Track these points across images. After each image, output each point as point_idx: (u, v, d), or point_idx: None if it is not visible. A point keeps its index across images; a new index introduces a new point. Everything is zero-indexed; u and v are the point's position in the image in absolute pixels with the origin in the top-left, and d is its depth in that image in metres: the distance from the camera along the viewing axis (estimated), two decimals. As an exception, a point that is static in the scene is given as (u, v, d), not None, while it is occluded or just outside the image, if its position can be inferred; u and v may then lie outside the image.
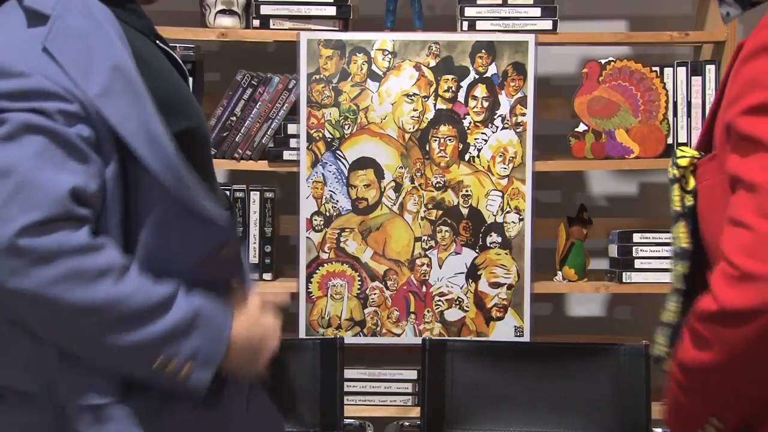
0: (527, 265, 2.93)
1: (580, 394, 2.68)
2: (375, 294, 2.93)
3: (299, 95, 2.89)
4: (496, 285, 2.93)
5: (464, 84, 2.90)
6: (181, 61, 1.68)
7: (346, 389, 2.80)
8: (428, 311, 2.93)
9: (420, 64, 2.90)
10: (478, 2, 2.94)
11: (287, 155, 2.92)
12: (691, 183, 1.53)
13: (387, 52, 2.89)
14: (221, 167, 2.99)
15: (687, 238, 1.51)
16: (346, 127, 2.90)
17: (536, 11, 2.93)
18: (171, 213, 1.48)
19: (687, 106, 2.97)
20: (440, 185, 2.91)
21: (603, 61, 2.97)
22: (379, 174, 2.91)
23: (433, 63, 2.90)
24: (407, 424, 2.85)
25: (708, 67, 2.96)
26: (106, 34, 1.49)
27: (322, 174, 2.90)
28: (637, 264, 2.97)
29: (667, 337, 1.56)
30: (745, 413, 1.39)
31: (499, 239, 2.92)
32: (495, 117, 2.91)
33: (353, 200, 2.91)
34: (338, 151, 2.90)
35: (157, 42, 1.65)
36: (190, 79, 1.87)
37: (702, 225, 1.48)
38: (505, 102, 2.91)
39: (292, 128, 2.92)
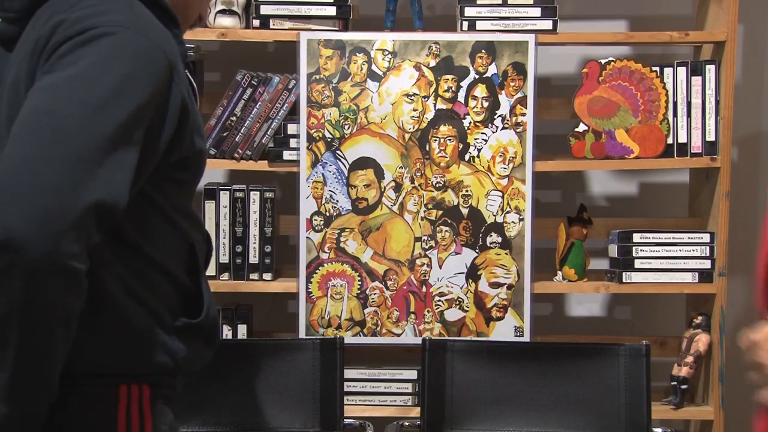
0: (527, 265, 2.93)
1: (580, 394, 2.68)
2: (375, 294, 2.93)
3: (299, 95, 2.89)
4: (496, 285, 2.93)
5: (464, 84, 2.90)
6: (197, 91, 1.71)
7: (346, 389, 2.80)
8: (428, 311, 2.93)
9: (420, 64, 2.89)
10: (478, 2, 2.94)
11: (287, 155, 2.92)
12: None
13: (387, 52, 2.89)
14: (221, 167, 2.99)
15: None
16: (346, 127, 2.90)
17: (536, 11, 2.93)
18: None
19: (687, 106, 2.96)
20: (440, 185, 2.91)
21: (603, 61, 2.97)
22: (379, 174, 2.91)
23: (433, 63, 2.90)
24: (407, 424, 2.85)
25: (708, 67, 2.96)
26: None
27: (322, 174, 2.90)
28: (637, 264, 2.97)
29: None
30: None
31: (499, 239, 2.92)
32: (495, 117, 2.91)
33: (353, 200, 2.91)
34: (338, 151, 2.90)
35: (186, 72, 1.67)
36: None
37: None
38: (505, 102, 2.91)
39: (292, 128, 2.92)
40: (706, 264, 2.97)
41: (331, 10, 2.92)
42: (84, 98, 1.40)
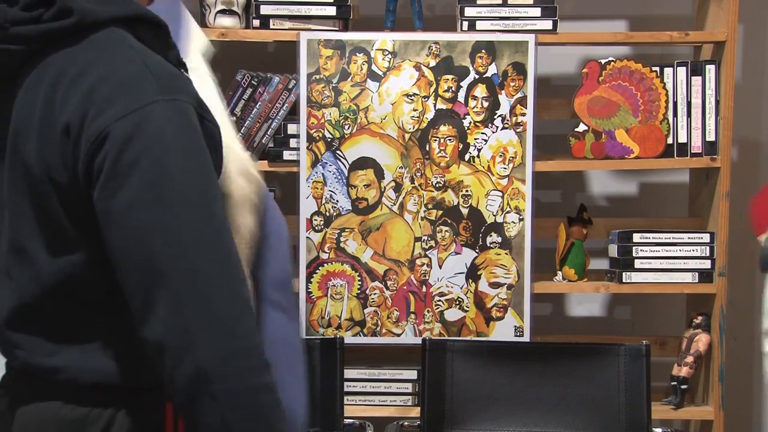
0: (527, 265, 2.93)
1: (580, 394, 2.68)
2: (375, 294, 2.93)
3: (299, 95, 2.89)
4: (496, 285, 2.93)
5: (464, 84, 2.90)
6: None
7: (346, 389, 2.80)
8: (428, 311, 2.93)
9: (420, 64, 2.90)
10: (478, 2, 2.94)
11: (287, 155, 2.92)
12: None
13: (387, 52, 2.89)
14: (221, 167, 2.99)
15: None
16: (346, 127, 2.90)
17: (536, 11, 2.93)
18: None
19: (687, 106, 2.97)
20: (440, 185, 2.91)
21: (603, 61, 2.97)
22: (379, 174, 2.91)
23: (433, 63, 2.90)
24: (407, 424, 2.85)
25: (708, 67, 2.96)
26: None
27: (322, 174, 2.90)
28: (637, 264, 2.97)
29: None
30: None
31: (499, 239, 2.92)
32: (495, 117, 2.91)
33: (353, 200, 2.91)
34: (338, 151, 2.90)
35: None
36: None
37: None
38: (505, 102, 2.91)
39: (292, 128, 2.92)
40: (706, 264, 2.97)
41: (331, 10, 2.92)
42: (175, 203, 1.40)
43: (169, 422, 1.55)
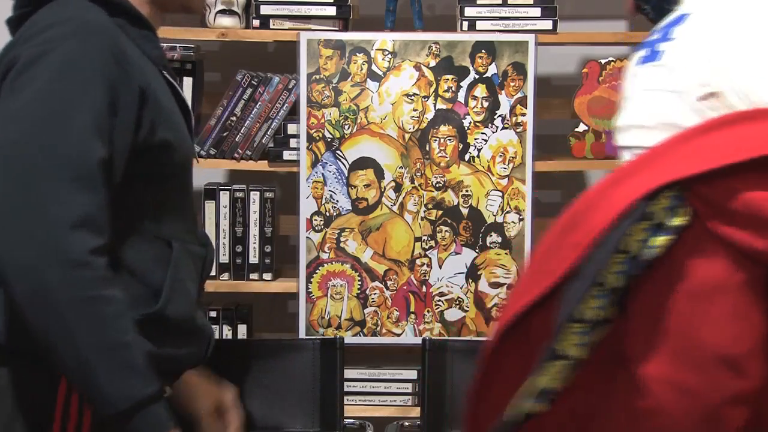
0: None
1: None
2: (375, 294, 2.93)
3: (299, 95, 2.89)
4: (496, 285, 2.93)
5: (464, 84, 2.90)
6: (183, 95, 1.77)
7: (346, 389, 2.79)
8: (428, 311, 2.93)
9: (420, 64, 2.90)
10: (478, 2, 2.94)
11: (287, 155, 2.92)
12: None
13: (387, 52, 2.89)
14: (221, 167, 2.99)
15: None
16: (346, 127, 2.90)
17: (536, 11, 2.93)
18: None
19: (687, 106, 2.96)
20: (440, 185, 2.91)
21: (603, 61, 2.98)
22: (379, 174, 2.91)
23: (433, 63, 2.90)
24: (407, 424, 2.84)
25: (708, 67, 2.95)
26: None
27: (322, 174, 2.90)
28: (637, 264, 2.97)
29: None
30: None
31: (499, 239, 2.92)
32: (495, 117, 2.91)
33: (353, 200, 2.91)
34: (338, 151, 2.90)
35: (164, 73, 1.73)
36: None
37: None
38: (505, 102, 2.91)
39: (292, 128, 2.92)
40: (706, 264, 2.97)
41: (331, 10, 2.92)
42: (40, 119, 1.53)
43: (62, 392, 1.59)
